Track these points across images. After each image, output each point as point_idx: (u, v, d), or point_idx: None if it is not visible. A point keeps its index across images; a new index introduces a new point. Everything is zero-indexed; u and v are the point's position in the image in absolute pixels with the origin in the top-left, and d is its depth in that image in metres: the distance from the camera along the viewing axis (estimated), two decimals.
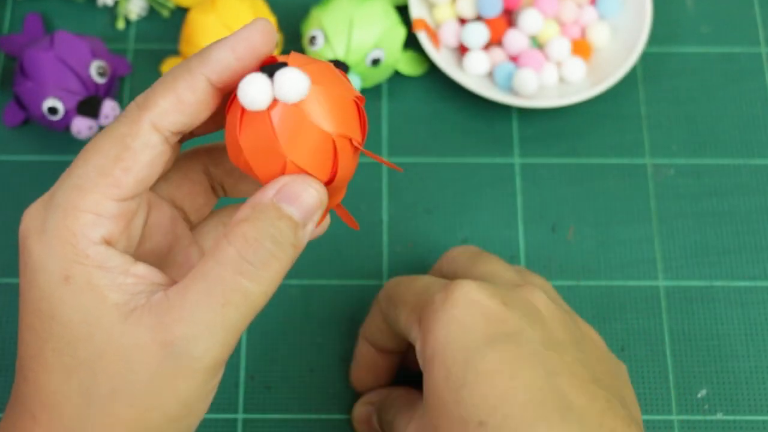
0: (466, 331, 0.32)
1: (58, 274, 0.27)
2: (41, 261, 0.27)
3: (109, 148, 0.28)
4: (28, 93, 0.46)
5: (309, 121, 0.27)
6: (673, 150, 0.49)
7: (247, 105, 0.26)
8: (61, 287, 0.27)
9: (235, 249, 0.27)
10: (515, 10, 0.50)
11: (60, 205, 0.27)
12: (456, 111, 0.50)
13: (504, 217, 0.48)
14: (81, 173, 0.28)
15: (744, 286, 0.46)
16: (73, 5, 0.52)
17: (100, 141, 0.28)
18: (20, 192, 0.48)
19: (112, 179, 0.27)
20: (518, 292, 0.35)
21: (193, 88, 0.28)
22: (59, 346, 0.27)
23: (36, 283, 0.28)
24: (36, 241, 0.28)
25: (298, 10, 0.52)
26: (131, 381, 0.27)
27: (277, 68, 0.27)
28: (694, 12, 0.53)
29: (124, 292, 0.27)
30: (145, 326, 0.27)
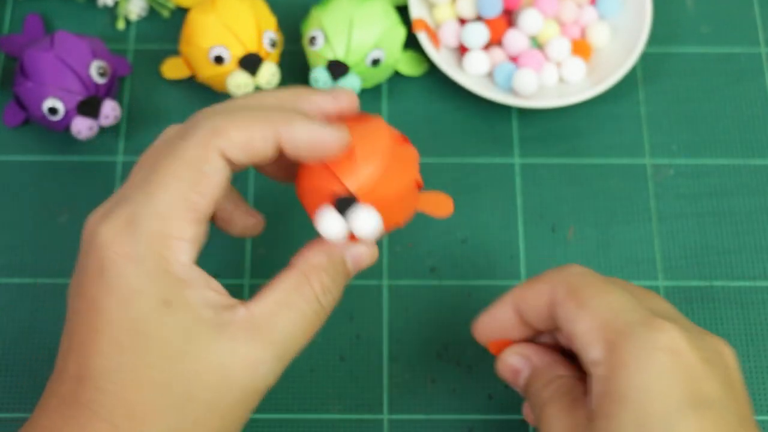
0: (668, 386, 0.31)
1: (157, 299, 0.30)
2: (138, 286, 0.30)
3: (184, 173, 0.30)
4: (28, 93, 0.46)
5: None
6: (673, 150, 0.49)
7: (324, 236, 0.33)
8: (161, 310, 0.30)
9: (314, 292, 0.32)
10: (515, 10, 0.50)
11: (149, 232, 0.30)
12: (456, 111, 0.50)
13: (504, 217, 0.48)
14: (163, 199, 0.30)
15: (744, 286, 0.46)
16: (73, 5, 0.52)
17: (173, 164, 0.30)
18: (20, 192, 0.48)
19: (191, 204, 0.30)
20: (711, 343, 0.33)
21: (265, 139, 0.31)
22: (155, 362, 0.30)
23: (132, 305, 0.30)
24: (130, 267, 0.30)
25: (298, 10, 0.52)
26: (225, 395, 0.30)
27: (348, 204, 0.32)
28: (694, 12, 0.53)
29: (210, 306, 0.30)
30: (239, 343, 0.30)
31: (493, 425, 0.43)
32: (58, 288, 0.45)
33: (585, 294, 0.33)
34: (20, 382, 0.43)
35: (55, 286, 0.45)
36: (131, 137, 0.49)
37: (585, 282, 0.34)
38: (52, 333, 0.44)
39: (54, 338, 0.44)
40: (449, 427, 0.43)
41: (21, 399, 0.43)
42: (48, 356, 0.44)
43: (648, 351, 0.31)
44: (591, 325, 0.32)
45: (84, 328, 0.31)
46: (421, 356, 0.44)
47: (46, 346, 0.44)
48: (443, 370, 0.44)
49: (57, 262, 0.46)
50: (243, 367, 0.30)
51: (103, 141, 0.49)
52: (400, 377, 0.44)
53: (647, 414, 0.30)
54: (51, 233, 0.47)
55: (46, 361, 0.44)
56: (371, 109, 0.50)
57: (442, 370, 0.44)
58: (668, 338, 0.31)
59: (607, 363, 0.31)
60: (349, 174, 0.32)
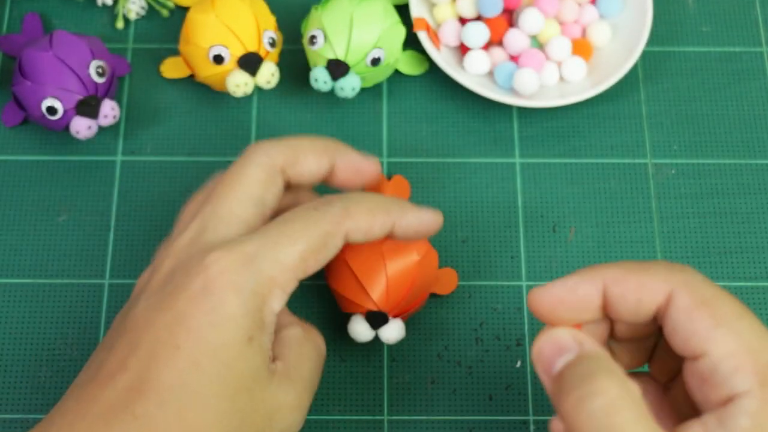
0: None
1: (244, 333, 0.32)
2: (234, 316, 0.32)
3: (312, 239, 0.34)
4: (27, 93, 0.45)
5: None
6: (674, 150, 0.49)
7: (353, 337, 0.41)
8: (244, 344, 0.32)
9: (317, 343, 0.39)
10: (515, 10, 0.50)
11: (264, 275, 0.33)
12: (456, 111, 0.50)
13: (505, 217, 0.48)
14: (288, 253, 0.34)
15: (745, 286, 0.46)
16: (72, 5, 0.52)
17: (307, 227, 0.34)
18: (19, 192, 0.48)
19: (306, 267, 0.34)
20: None
21: (383, 226, 0.36)
22: (224, 391, 0.31)
23: (223, 331, 0.32)
24: (234, 297, 0.32)
25: (298, 10, 0.51)
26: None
27: (378, 319, 0.40)
28: (695, 11, 0.53)
29: (268, 354, 0.34)
30: (282, 390, 0.34)
31: (493, 426, 0.43)
32: (57, 288, 0.45)
33: (721, 310, 0.30)
34: (20, 382, 0.43)
35: (54, 286, 0.45)
36: (130, 137, 0.49)
37: (716, 294, 0.31)
38: (51, 333, 0.44)
39: (54, 338, 0.44)
40: (449, 428, 0.43)
41: (21, 399, 0.43)
42: (48, 356, 0.44)
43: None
44: (736, 350, 0.29)
45: (160, 340, 0.31)
46: (421, 357, 0.44)
47: (45, 347, 0.44)
48: (443, 370, 0.44)
49: (56, 262, 0.46)
50: (286, 411, 0.34)
51: (102, 141, 0.49)
52: (400, 378, 0.44)
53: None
54: (50, 233, 0.47)
55: (45, 361, 0.44)
56: (371, 109, 0.50)
57: (443, 371, 0.44)
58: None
59: (760, 397, 0.28)
60: (382, 298, 0.40)
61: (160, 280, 0.34)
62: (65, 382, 0.43)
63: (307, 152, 0.37)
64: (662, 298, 0.30)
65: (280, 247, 0.34)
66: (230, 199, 0.35)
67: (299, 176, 0.38)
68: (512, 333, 0.45)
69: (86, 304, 0.45)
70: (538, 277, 0.46)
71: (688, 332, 0.30)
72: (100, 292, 0.45)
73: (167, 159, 0.49)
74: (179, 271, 0.33)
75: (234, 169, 0.37)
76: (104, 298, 0.45)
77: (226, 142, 0.49)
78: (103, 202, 0.47)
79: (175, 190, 0.48)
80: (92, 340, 0.44)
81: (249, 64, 0.46)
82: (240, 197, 0.35)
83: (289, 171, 0.37)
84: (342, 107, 0.50)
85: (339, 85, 0.46)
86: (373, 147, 0.49)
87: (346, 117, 0.50)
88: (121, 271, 0.46)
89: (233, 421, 0.31)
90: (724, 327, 0.29)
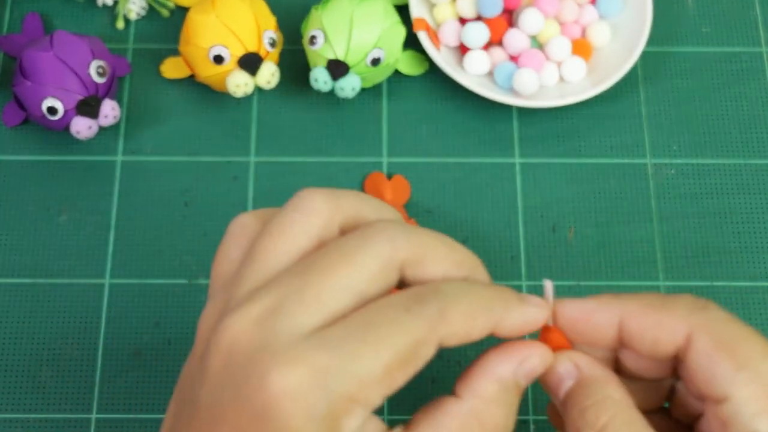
0: None
1: (327, 424, 0.26)
2: (297, 427, 0.26)
3: (401, 346, 0.27)
4: (28, 93, 0.45)
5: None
6: (674, 150, 0.49)
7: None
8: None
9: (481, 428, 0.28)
10: (515, 10, 0.50)
11: (338, 393, 0.26)
12: (456, 111, 0.50)
13: (504, 217, 0.48)
14: (367, 366, 0.26)
15: (745, 287, 0.46)
16: (72, 5, 0.52)
17: (390, 332, 0.27)
18: (19, 192, 0.48)
19: (391, 380, 0.27)
20: None
21: (483, 333, 0.28)
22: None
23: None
24: (302, 422, 0.26)
25: (298, 10, 0.51)
26: None
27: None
28: (694, 11, 0.53)
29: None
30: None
31: None
32: (57, 288, 0.45)
33: (744, 351, 0.29)
34: (20, 382, 0.43)
35: (54, 286, 0.45)
36: (131, 137, 0.49)
37: (739, 334, 0.29)
38: (51, 333, 0.44)
39: (54, 338, 0.44)
40: None
41: (21, 399, 0.43)
42: (48, 356, 0.44)
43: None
44: (760, 393, 0.28)
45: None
46: None
47: (45, 347, 0.44)
48: (444, 370, 0.44)
49: (56, 262, 0.46)
50: None
51: (102, 141, 0.49)
52: None
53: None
54: (50, 233, 0.47)
55: (45, 361, 0.44)
56: (371, 109, 0.50)
57: (443, 370, 0.44)
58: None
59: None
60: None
61: (219, 366, 0.27)
62: (65, 382, 0.43)
63: (438, 257, 0.29)
64: (681, 339, 0.29)
65: (360, 360, 0.26)
66: (326, 284, 0.27)
67: (416, 279, 0.29)
68: None
69: (86, 304, 0.45)
70: (537, 276, 0.46)
71: (709, 375, 0.28)
72: (100, 292, 0.45)
73: (167, 159, 0.49)
74: (239, 372, 0.27)
75: (346, 243, 0.28)
76: (104, 298, 0.45)
77: (226, 142, 0.49)
78: (104, 202, 0.47)
79: (175, 190, 0.48)
80: (92, 340, 0.44)
81: (249, 65, 0.46)
82: (338, 286, 0.27)
83: (408, 271, 0.29)
84: (342, 107, 0.50)
85: (339, 85, 0.47)
86: (373, 147, 0.49)
87: (346, 117, 0.50)
88: (121, 271, 0.46)
89: None
90: (746, 369, 0.28)
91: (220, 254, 0.31)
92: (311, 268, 0.28)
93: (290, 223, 0.29)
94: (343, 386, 0.26)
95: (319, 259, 0.28)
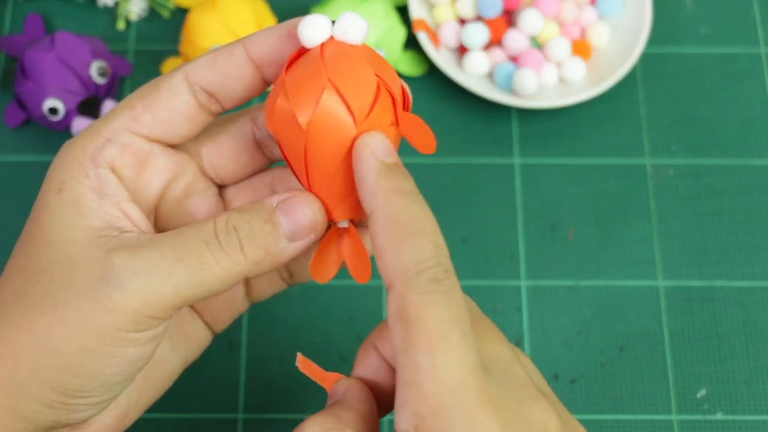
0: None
1: (56, 185, 0.28)
2: (50, 171, 0.29)
3: (143, 89, 0.29)
4: (29, 93, 0.46)
5: (359, 58, 0.27)
6: (673, 150, 0.49)
7: (305, 38, 0.28)
8: (53, 195, 0.28)
9: (214, 225, 0.28)
10: (515, 11, 0.50)
11: (88, 128, 0.29)
12: (456, 111, 0.50)
13: (504, 217, 0.48)
14: (116, 107, 0.29)
15: (743, 286, 0.46)
16: (73, 6, 0.52)
17: (142, 86, 0.30)
18: (21, 192, 0.48)
19: (132, 111, 0.29)
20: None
21: (229, 52, 0.29)
22: (27, 248, 0.29)
23: (41, 190, 0.29)
24: (58, 155, 0.29)
25: (298, 10, 0.52)
26: (61, 292, 0.27)
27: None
28: (693, 12, 0.53)
29: (103, 219, 0.28)
30: (100, 250, 0.27)
31: None
32: None
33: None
34: None
35: None
36: None
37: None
38: None
39: None
40: None
41: None
42: None
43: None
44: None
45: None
46: None
47: None
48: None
49: None
50: (90, 271, 0.28)
51: None
52: None
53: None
54: None
55: None
56: None
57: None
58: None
59: None
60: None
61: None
62: None
63: (199, 58, 0.30)
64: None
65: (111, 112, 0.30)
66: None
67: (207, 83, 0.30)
68: (511, 332, 0.45)
69: None
70: (537, 276, 0.46)
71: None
72: None
73: None
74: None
75: None
76: None
77: None
78: None
79: None
80: None
81: None
82: None
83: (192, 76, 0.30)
84: None
85: None
86: None
87: None
88: None
89: (28, 274, 0.28)
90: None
91: None
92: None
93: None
94: (94, 123, 0.29)
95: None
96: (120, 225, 0.28)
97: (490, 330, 0.29)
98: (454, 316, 0.25)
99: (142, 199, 0.30)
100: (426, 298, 0.25)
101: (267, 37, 0.29)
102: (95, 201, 0.28)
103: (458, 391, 0.24)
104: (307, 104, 0.27)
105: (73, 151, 0.29)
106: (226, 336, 0.45)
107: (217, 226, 0.28)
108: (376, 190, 0.27)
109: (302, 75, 0.27)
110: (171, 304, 0.27)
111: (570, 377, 0.44)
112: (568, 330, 0.45)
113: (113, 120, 0.29)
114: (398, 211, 0.26)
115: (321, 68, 0.27)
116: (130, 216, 0.29)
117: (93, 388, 0.28)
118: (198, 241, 0.27)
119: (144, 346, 0.28)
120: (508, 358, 0.27)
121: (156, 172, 0.30)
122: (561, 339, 0.45)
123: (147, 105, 0.29)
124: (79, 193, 0.28)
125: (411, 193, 0.27)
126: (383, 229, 0.26)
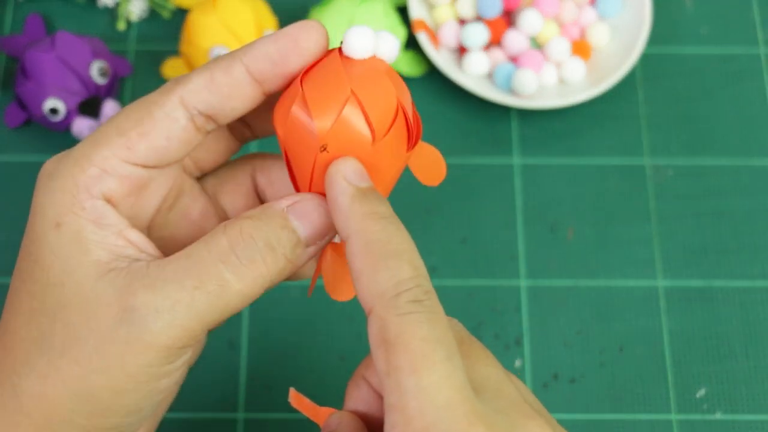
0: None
1: (52, 220, 0.27)
2: (41, 205, 0.28)
3: (134, 112, 0.28)
4: (29, 93, 0.46)
5: (382, 75, 0.27)
6: (672, 150, 0.50)
7: (353, 49, 0.27)
8: (51, 232, 0.27)
9: (227, 239, 0.26)
10: (515, 11, 0.50)
11: (73, 155, 0.27)
12: (456, 111, 0.50)
13: (504, 217, 0.48)
14: (102, 130, 0.28)
15: (743, 286, 0.46)
16: (74, 6, 0.52)
17: (131, 105, 0.28)
18: (21, 192, 0.48)
19: (126, 140, 0.27)
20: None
21: (228, 70, 0.27)
22: (33, 289, 0.27)
23: (32, 226, 0.28)
24: (43, 185, 0.28)
25: (298, 10, 0.52)
26: (84, 338, 0.26)
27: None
28: (693, 13, 0.53)
29: (109, 251, 0.27)
30: (114, 287, 0.26)
31: None
32: None
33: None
34: None
35: None
36: None
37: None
38: None
39: None
40: None
41: None
42: None
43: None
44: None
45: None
46: None
47: None
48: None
49: None
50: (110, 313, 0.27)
51: None
52: None
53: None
54: None
55: None
56: None
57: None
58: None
59: None
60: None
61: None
62: None
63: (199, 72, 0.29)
64: None
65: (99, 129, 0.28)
66: None
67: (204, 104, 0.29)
68: (511, 332, 0.45)
69: None
70: (537, 276, 0.46)
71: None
72: None
73: None
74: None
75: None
76: None
77: None
78: None
79: None
80: None
81: None
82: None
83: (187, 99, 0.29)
84: None
85: None
86: None
87: None
88: None
89: (41, 319, 0.27)
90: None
91: None
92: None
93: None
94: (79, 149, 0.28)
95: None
96: (126, 254, 0.27)
97: (479, 350, 0.28)
98: (437, 336, 0.24)
99: (140, 220, 0.29)
100: (406, 318, 0.24)
101: (267, 50, 0.27)
102: (97, 233, 0.27)
103: (446, 411, 0.23)
104: (326, 114, 0.26)
105: (63, 183, 0.27)
106: (226, 336, 0.45)
107: (230, 239, 0.26)
108: (351, 215, 0.26)
109: (323, 84, 0.27)
110: (199, 331, 0.27)
111: (569, 377, 0.44)
112: (568, 330, 0.45)
113: (104, 147, 0.27)
114: (374, 234, 0.25)
115: (344, 79, 0.26)
116: (135, 242, 0.28)
117: (128, 423, 0.27)
118: (212, 261, 0.26)
119: (176, 372, 0.28)
120: (498, 379, 0.27)
121: (153, 193, 0.29)
122: (560, 339, 0.45)
123: (142, 133, 0.27)
124: (79, 226, 0.27)
125: (386, 216, 0.26)
126: (359, 253, 0.25)
